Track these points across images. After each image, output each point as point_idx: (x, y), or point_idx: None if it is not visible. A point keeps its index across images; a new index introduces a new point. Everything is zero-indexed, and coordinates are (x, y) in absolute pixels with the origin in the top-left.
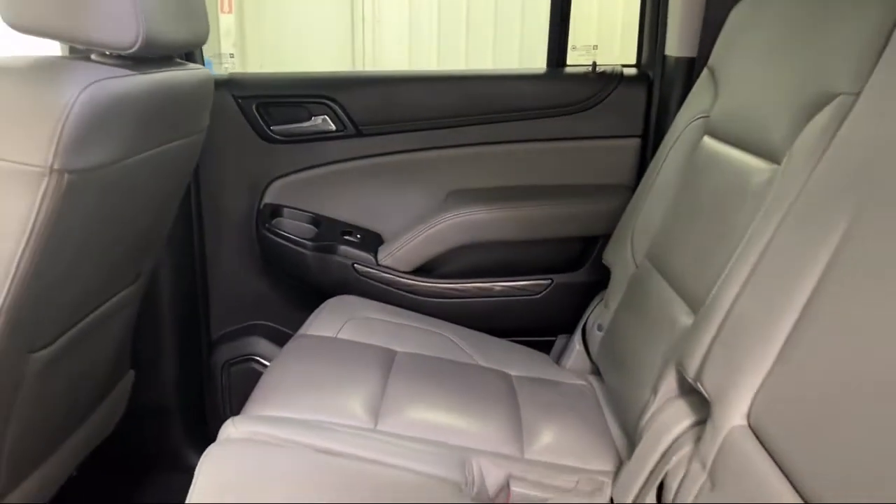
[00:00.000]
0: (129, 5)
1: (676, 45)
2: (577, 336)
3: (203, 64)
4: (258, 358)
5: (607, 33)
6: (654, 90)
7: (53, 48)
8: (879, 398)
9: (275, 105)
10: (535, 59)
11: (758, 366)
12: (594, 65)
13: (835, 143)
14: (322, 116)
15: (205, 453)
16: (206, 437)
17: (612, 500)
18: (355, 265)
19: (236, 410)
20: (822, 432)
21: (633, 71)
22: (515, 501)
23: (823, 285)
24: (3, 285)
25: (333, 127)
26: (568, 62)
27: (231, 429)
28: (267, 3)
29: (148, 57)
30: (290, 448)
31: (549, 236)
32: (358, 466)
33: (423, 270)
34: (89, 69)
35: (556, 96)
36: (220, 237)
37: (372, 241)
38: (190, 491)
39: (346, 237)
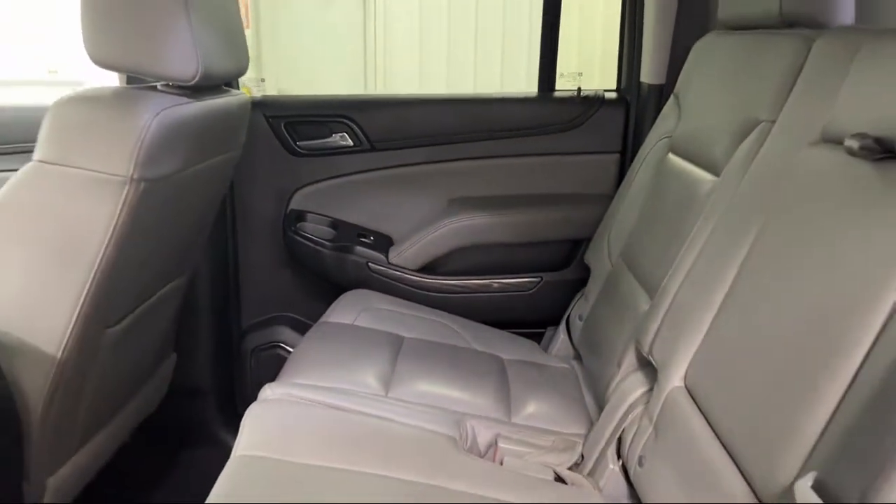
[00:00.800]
0: (191, 46)
1: (649, 73)
2: (562, 326)
3: (239, 88)
4: (283, 345)
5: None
6: (631, 112)
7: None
8: (776, 361)
9: (300, 123)
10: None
11: (693, 339)
12: (579, 89)
13: (755, 162)
14: (341, 133)
15: (248, 410)
16: (236, 415)
17: (582, 455)
18: (369, 263)
19: None
20: (735, 387)
21: (613, 95)
22: (502, 456)
23: (740, 276)
24: (90, 272)
25: (351, 143)
26: (556, 87)
27: (268, 391)
28: (281, 20)
29: (202, 86)
30: (318, 407)
31: (539, 239)
32: (373, 423)
33: (428, 268)
34: (159, 98)
35: (546, 117)
36: (251, 239)
37: (384, 243)
38: (237, 438)
39: (361, 239)
